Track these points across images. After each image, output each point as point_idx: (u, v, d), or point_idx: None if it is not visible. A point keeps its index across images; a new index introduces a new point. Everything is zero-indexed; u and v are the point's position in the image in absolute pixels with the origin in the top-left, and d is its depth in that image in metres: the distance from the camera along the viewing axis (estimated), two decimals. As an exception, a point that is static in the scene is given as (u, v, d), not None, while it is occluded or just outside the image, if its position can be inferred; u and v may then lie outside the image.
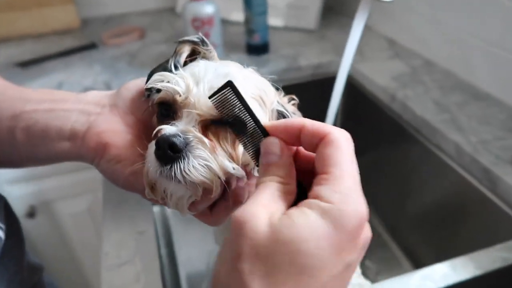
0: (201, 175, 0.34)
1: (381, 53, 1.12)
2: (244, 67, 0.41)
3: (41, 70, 1.10)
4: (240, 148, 0.36)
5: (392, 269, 0.94)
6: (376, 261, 0.94)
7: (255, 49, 1.13)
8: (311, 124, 0.29)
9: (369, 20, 0.71)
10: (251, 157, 0.32)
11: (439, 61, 1.03)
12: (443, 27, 0.99)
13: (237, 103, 0.31)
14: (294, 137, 0.30)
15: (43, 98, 0.42)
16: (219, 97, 0.31)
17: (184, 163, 0.33)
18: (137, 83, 0.42)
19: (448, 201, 0.82)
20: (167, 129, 0.35)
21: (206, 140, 0.34)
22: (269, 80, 0.41)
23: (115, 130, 0.40)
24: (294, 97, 0.44)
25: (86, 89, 1.02)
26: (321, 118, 0.44)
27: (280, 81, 0.42)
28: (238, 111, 0.31)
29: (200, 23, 1.02)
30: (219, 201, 0.38)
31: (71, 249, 1.24)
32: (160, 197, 0.37)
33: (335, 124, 0.94)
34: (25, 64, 1.12)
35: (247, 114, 0.31)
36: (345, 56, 0.69)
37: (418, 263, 0.93)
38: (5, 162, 0.47)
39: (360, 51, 1.11)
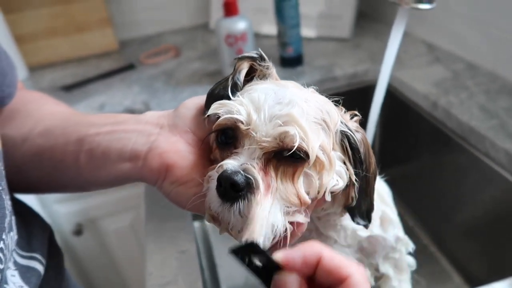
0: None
1: (420, 58, 1.09)
2: (304, 86, 0.40)
3: (84, 93, 1.15)
4: (300, 183, 0.36)
5: (443, 284, 0.89)
6: (425, 275, 0.90)
7: (289, 62, 1.12)
8: (329, 258, 0.28)
9: (406, 25, 0.69)
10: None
11: (482, 63, 0.98)
12: (485, 28, 0.94)
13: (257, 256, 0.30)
14: (310, 269, 0.29)
15: (105, 121, 0.43)
16: (241, 254, 0.30)
17: (244, 203, 0.34)
18: (195, 102, 0.42)
19: (501, 212, 0.77)
20: (229, 165, 0.35)
21: (262, 187, 0.34)
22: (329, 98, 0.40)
23: (177, 150, 0.39)
24: (356, 113, 0.42)
25: (127, 109, 1.05)
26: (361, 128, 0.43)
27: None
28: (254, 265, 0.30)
29: (233, 39, 1.03)
30: None
31: (116, 265, 1.27)
32: (224, 228, 0.37)
33: (375, 135, 0.91)
34: (69, 88, 1.17)
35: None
36: (384, 68, 0.68)
37: (470, 278, 0.88)
38: (70, 187, 0.48)
39: (398, 58, 1.08)
